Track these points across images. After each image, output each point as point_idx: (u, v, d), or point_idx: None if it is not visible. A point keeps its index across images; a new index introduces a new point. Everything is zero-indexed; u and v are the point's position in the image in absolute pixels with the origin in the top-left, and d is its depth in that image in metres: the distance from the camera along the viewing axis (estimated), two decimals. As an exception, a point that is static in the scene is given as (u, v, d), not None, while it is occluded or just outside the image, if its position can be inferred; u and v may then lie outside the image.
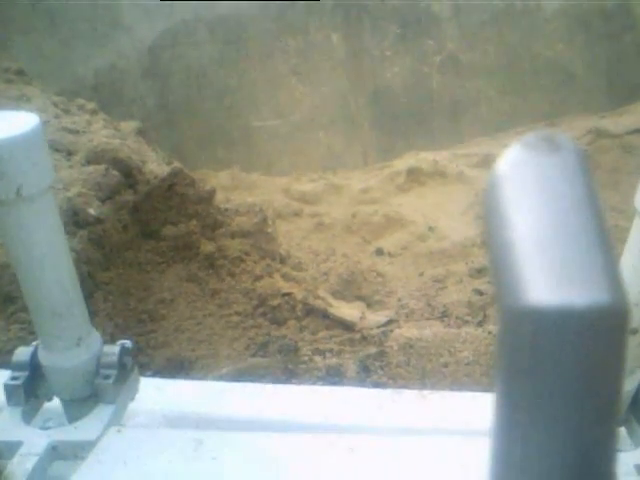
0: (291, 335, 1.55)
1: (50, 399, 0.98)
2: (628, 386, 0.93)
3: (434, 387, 1.50)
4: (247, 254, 1.96)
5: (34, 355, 0.94)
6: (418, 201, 4.54)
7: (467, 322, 2.65)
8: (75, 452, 0.90)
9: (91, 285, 1.58)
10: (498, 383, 0.31)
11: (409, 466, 0.86)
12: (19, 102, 2.30)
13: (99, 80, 4.98)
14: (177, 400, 1.10)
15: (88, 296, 1.55)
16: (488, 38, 5.56)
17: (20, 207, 0.80)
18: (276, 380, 1.35)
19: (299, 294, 1.73)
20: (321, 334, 1.60)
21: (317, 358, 1.38)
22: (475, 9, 5.53)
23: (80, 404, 0.95)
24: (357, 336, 1.56)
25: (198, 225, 1.99)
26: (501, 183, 0.33)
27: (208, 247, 1.94)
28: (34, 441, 0.89)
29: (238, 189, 4.72)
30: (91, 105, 2.65)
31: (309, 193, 4.79)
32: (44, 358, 0.93)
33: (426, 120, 5.66)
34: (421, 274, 3.46)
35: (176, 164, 2.22)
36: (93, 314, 1.53)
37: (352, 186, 4.85)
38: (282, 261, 2.22)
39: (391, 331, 1.53)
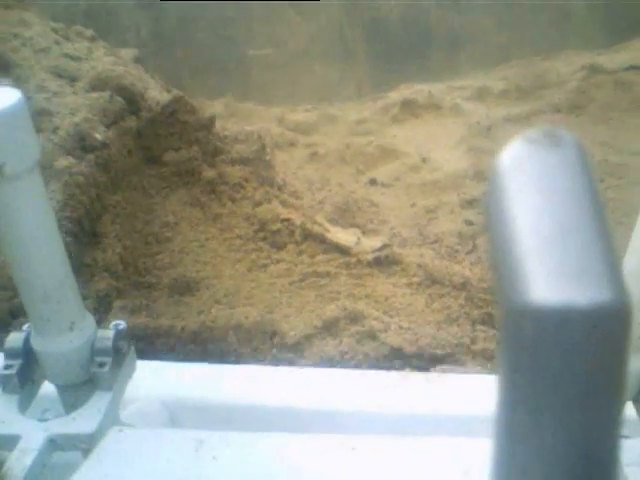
0: (290, 258, 1.63)
1: (46, 379, 0.96)
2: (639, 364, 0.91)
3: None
4: (246, 180, 2.01)
5: (26, 341, 0.92)
6: (412, 133, 4.55)
7: (457, 250, 2.74)
8: (74, 444, 0.89)
9: (99, 208, 1.64)
10: (500, 381, 0.31)
11: (411, 466, 0.85)
12: (18, 27, 2.30)
13: (91, 8, 4.91)
14: (176, 384, 1.09)
15: (96, 218, 1.62)
16: (487, -30, 5.49)
17: (4, 186, 0.77)
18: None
19: (297, 220, 1.80)
20: (318, 258, 1.67)
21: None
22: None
23: (76, 390, 0.93)
24: (353, 260, 1.63)
25: (199, 151, 2.04)
26: (502, 179, 0.32)
27: (209, 173, 2.00)
28: (32, 435, 0.88)
29: (233, 118, 4.71)
30: (89, 32, 2.65)
31: (304, 123, 4.79)
32: (37, 343, 0.90)
33: (422, 52, 5.62)
34: (413, 204, 3.52)
35: (177, 91, 2.25)
36: (102, 236, 1.60)
37: (346, 117, 4.85)
38: (279, 188, 2.28)
39: (386, 256, 1.61)
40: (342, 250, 1.72)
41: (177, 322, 1.36)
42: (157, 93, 2.24)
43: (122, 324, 0.95)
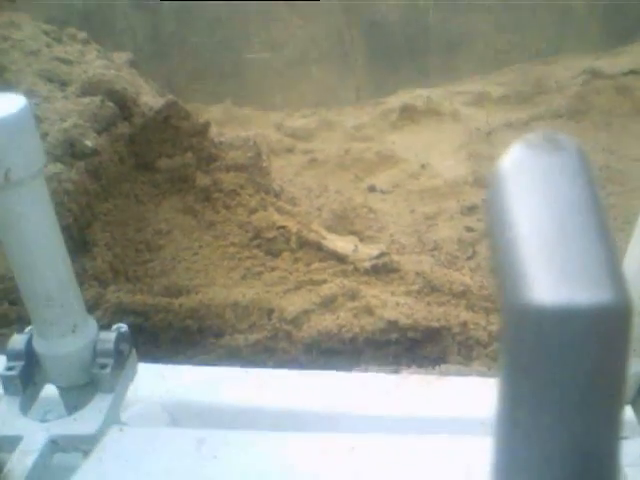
0: (285, 266, 1.59)
1: (48, 382, 0.97)
2: (638, 367, 0.92)
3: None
4: (242, 187, 1.97)
5: (29, 343, 0.93)
6: (411, 139, 4.54)
7: (457, 257, 2.71)
8: (75, 445, 0.90)
9: (89, 216, 1.59)
10: (501, 381, 0.31)
11: (411, 466, 0.85)
12: (8, 29, 2.27)
13: (88, 9, 4.88)
14: (177, 387, 1.09)
15: (86, 226, 1.58)
16: (486, -27, 5.47)
17: (9, 192, 0.78)
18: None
19: (293, 227, 1.76)
20: (315, 265, 1.63)
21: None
22: (474, -58, 5.42)
23: (77, 391, 0.95)
24: (350, 268, 1.59)
25: (193, 158, 2.00)
26: (504, 182, 0.33)
27: (203, 180, 1.95)
28: (34, 436, 0.89)
29: (230, 123, 4.69)
30: (82, 34, 2.61)
31: (302, 129, 4.78)
32: (39, 345, 0.92)
33: (421, 56, 5.60)
34: (413, 211, 3.50)
35: (170, 96, 2.21)
36: (92, 244, 1.55)
37: (345, 122, 4.84)
38: (276, 195, 2.24)
39: (384, 263, 1.57)
40: (339, 258, 1.68)
41: (175, 300, 1.33)
42: (150, 98, 2.19)
43: (124, 327, 0.96)
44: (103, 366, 0.92)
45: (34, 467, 0.84)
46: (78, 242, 1.55)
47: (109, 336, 0.93)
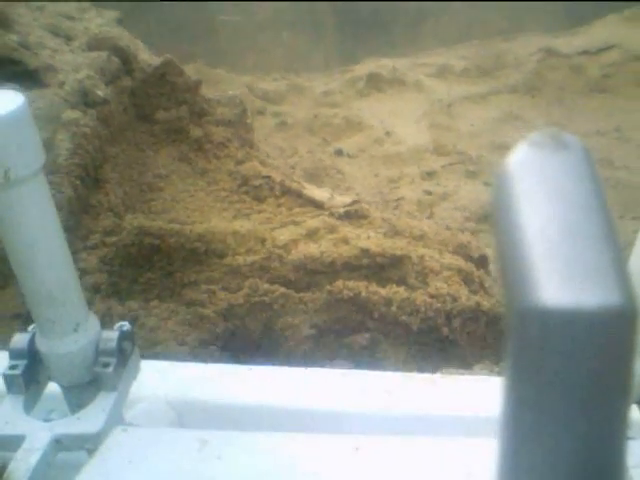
0: (270, 209, 1.82)
1: (51, 381, 0.96)
2: None
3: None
4: (229, 140, 2.18)
5: (31, 342, 0.92)
6: (376, 106, 4.71)
7: (416, 216, 2.95)
8: (79, 444, 0.89)
9: (101, 158, 1.79)
10: (506, 382, 0.31)
11: (414, 466, 0.85)
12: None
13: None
14: (180, 384, 1.09)
15: (99, 167, 1.78)
16: (454, -51, 5.62)
17: (9, 191, 0.77)
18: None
19: (277, 177, 1.98)
20: (296, 210, 1.86)
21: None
22: None
23: (80, 390, 0.93)
24: (326, 213, 1.83)
25: (187, 111, 2.20)
26: (508, 182, 0.33)
27: (196, 132, 2.16)
28: (37, 435, 0.88)
29: (203, 84, 4.79)
30: (75, -8, 2.74)
31: (272, 92, 4.90)
32: (41, 344, 0.90)
33: (387, 27, 5.74)
34: (377, 174, 3.71)
35: (167, 55, 2.40)
36: (105, 181, 1.76)
37: (314, 88, 4.98)
38: (258, 150, 2.46)
39: (355, 210, 1.81)
40: (317, 204, 1.91)
41: (185, 227, 1.55)
42: (146, 56, 2.38)
43: (126, 325, 0.95)
44: (106, 365, 0.91)
45: (37, 466, 0.84)
46: (93, 179, 1.75)
47: (111, 335, 0.92)
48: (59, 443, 0.88)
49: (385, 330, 1.49)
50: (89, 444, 0.88)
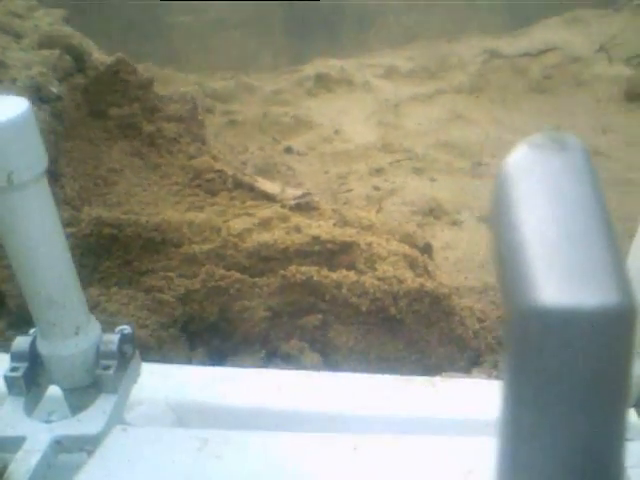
0: (223, 202, 1.88)
1: (52, 383, 0.96)
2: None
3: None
4: (181, 136, 2.23)
5: (33, 344, 0.92)
6: (325, 105, 4.77)
7: (365, 209, 3.04)
8: (79, 445, 0.89)
9: (55, 152, 1.82)
10: (506, 382, 0.31)
11: (413, 465, 0.85)
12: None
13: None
14: (181, 387, 1.09)
15: (54, 161, 1.81)
16: (399, -48, 5.72)
17: (12, 194, 0.77)
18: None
19: (229, 170, 2.04)
20: (249, 203, 1.92)
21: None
22: None
23: (81, 393, 0.94)
24: (278, 205, 1.89)
25: (139, 108, 2.24)
26: (508, 183, 0.33)
27: (148, 127, 2.20)
28: (37, 436, 0.88)
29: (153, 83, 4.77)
30: (22, -9, 2.74)
31: (221, 91, 4.92)
32: (43, 347, 0.91)
33: (335, 28, 5.82)
34: (327, 172, 3.78)
35: (119, 53, 2.43)
36: (60, 175, 1.79)
37: (263, 87, 5.01)
38: (209, 146, 2.51)
39: (306, 202, 1.88)
40: (269, 197, 1.98)
41: (142, 218, 1.59)
42: (99, 54, 2.41)
43: (127, 328, 0.96)
44: (106, 367, 0.91)
45: (37, 467, 0.84)
46: (50, 173, 1.77)
47: (112, 338, 0.93)
48: (59, 444, 0.88)
49: (336, 311, 1.57)
50: (89, 446, 0.89)
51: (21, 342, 0.93)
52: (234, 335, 1.54)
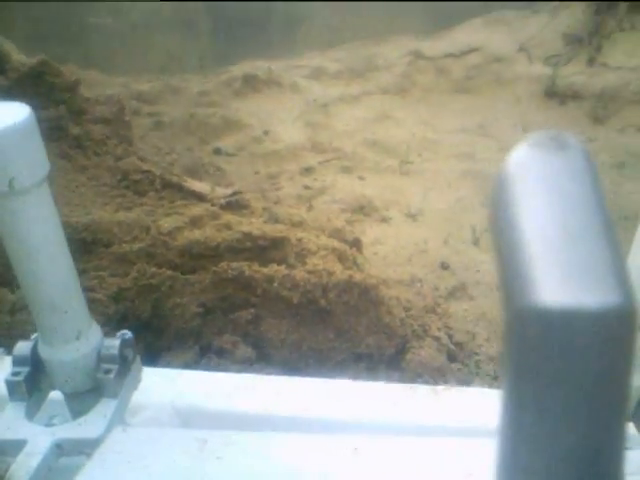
0: (152, 202, 1.88)
1: (53, 388, 0.96)
2: (638, 382, 0.92)
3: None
4: (108, 138, 2.21)
5: (34, 349, 0.93)
6: (254, 106, 4.79)
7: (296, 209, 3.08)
8: (79, 449, 0.89)
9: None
10: (505, 383, 0.31)
11: (414, 467, 0.86)
12: None
13: None
14: (185, 392, 1.09)
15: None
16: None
17: (13, 200, 0.78)
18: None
19: (157, 171, 2.04)
20: (178, 202, 1.92)
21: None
22: None
23: (83, 397, 0.94)
24: (208, 204, 1.91)
25: (66, 110, 2.21)
26: (508, 183, 0.33)
27: (75, 130, 2.17)
28: (38, 439, 0.88)
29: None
30: None
31: (147, 93, 4.87)
32: (44, 352, 0.91)
33: (263, 30, 5.84)
34: (257, 172, 3.80)
35: (43, 55, 2.39)
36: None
37: (190, 89, 4.99)
38: (136, 147, 2.50)
39: (236, 200, 1.90)
40: (198, 197, 1.99)
41: (72, 219, 1.57)
42: (18, 56, 2.36)
43: (128, 333, 0.96)
44: (107, 371, 0.92)
45: (38, 470, 0.84)
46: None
47: (114, 342, 0.94)
48: (60, 448, 0.89)
49: (268, 305, 1.59)
50: (90, 449, 0.89)
51: (22, 347, 0.93)
52: (167, 331, 1.55)
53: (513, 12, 5.91)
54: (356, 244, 2.00)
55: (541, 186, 0.32)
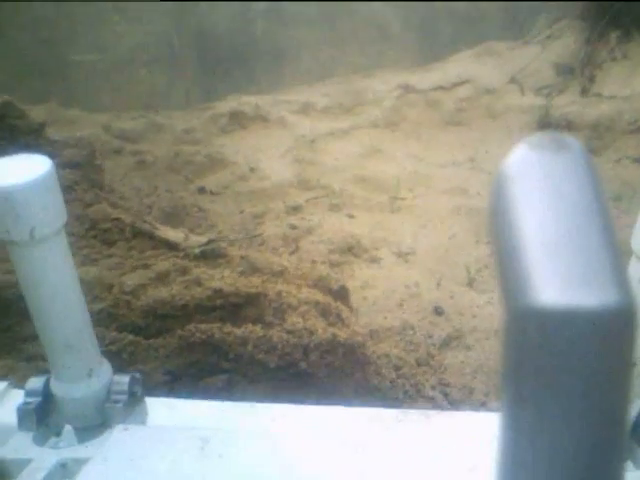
0: (120, 253, 1.74)
1: (59, 433, 0.97)
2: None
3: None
4: (77, 183, 2.07)
5: (46, 384, 0.96)
6: (240, 143, 4.70)
7: (281, 253, 2.94)
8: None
9: None
10: (505, 384, 0.31)
11: (415, 463, 0.86)
12: None
13: None
14: (189, 422, 1.07)
15: None
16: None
17: (33, 248, 0.82)
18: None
19: (127, 218, 1.89)
20: (148, 253, 1.78)
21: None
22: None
23: (91, 431, 0.96)
24: (181, 254, 1.77)
25: (29, 154, 2.07)
26: (507, 183, 0.33)
27: (40, 175, 2.03)
28: (43, 458, 0.90)
29: (56, 124, 4.58)
30: None
31: (130, 131, 4.77)
32: (56, 388, 0.94)
33: (249, 65, 5.79)
34: (242, 211, 3.68)
35: (5, 96, 2.26)
36: None
37: (174, 126, 4.90)
38: (109, 192, 2.36)
39: (212, 249, 1.76)
40: (171, 246, 1.84)
41: None
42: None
43: (137, 374, 1.00)
44: (116, 401, 0.95)
45: None
46: None
47: (123, 379, 0.97)
48: (65, 468, 0.90)
49: (242, 370, 1.44)
50: None
51: (35, 382, 0.96)
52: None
53: (503, 43, 5.87)
54: (342, 294, 1.85)
55: (541, 186, 0.32)
